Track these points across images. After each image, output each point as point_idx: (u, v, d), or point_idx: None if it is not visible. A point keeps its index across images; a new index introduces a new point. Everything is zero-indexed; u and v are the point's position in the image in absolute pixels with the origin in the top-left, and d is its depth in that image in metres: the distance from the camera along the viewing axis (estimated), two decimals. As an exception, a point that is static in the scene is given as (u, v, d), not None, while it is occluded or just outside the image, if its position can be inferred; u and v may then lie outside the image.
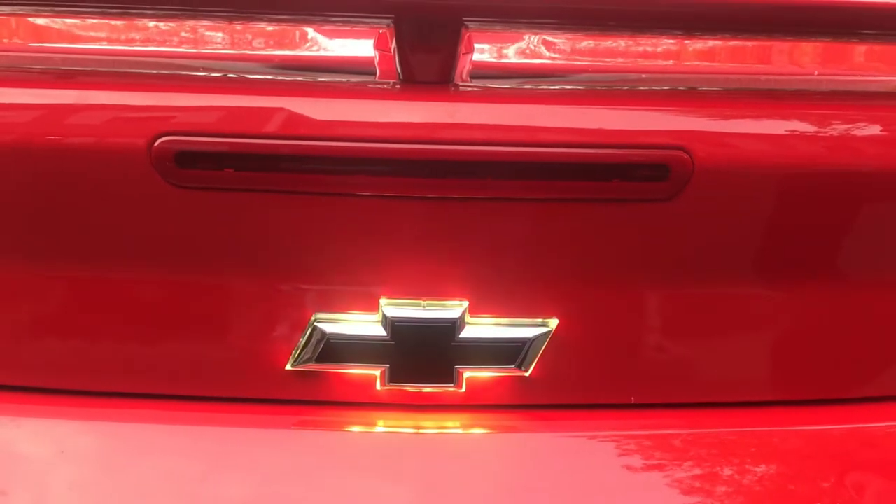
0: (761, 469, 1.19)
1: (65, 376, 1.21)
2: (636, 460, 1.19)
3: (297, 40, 1.49)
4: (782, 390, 1.27)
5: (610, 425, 1.22)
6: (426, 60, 1.10)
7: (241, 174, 1.10)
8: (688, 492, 1.16)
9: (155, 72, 1.20)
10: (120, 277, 1.18)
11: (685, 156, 1.09)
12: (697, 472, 1.18)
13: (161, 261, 1.17)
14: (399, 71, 1.11)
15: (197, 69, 1.23)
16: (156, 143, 1.08)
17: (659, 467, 1.18)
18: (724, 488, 1.17)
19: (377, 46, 1.31)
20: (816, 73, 1.43)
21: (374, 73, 1.25)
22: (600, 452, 1.21)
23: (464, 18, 1.04)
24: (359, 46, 1.40)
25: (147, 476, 1.16)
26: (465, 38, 1.07)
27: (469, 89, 1.16)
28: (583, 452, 1.22)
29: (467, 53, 1.23)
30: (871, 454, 1.25)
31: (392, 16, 1.03)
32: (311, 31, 1.47)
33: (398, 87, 1.14)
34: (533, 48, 1.48)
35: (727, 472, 1.18)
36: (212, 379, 1.21)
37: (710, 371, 1.24)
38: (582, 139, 1.10)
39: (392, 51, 1.09)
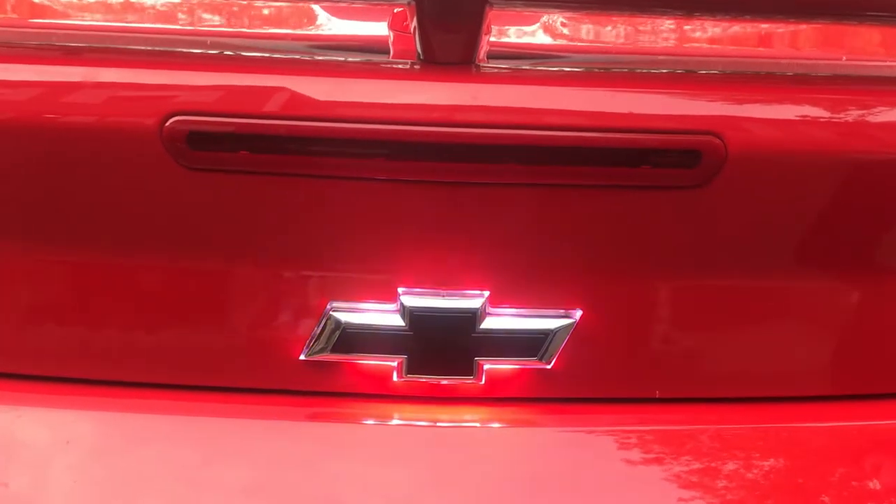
0: (790, 466, 1.16)
1: (70, 364, 1.18)
2: (661, 456, 1.16)
3: (310, 19, 1.44)
4: (812, 385, 1.23)
5: (634, 420, 1.19)
6: (449, 40, 1.06)
7: (256, 156, 1.06)
8: (713, 488, 1.13)
9: (165, 49, 1.16)
10: (128, 263, 1.14)
11: (718, 142, 1.06)
12: (724, 468, 1.15)
13: (171, 246, 1.13)
14: (420, 51, 1.07)
15: (208, 47, 1.18)
16: (167, 124, 1.04)
17: (684, 463, 1.15)
18: (750, 485, 1.14)
19: (392, 26, 1.27)
20: (844, 58, 1.39)
21: (389, 53, 1.21)
22: (624, 448, 1.17)
23: (488, -4, 1.00)
24: (373, 26, 1.36)
25: (156, 467, 1.13)
26: (488, 17, 1.03)
27: (492, 70, 1.12)
28: (606, 448, 1.18)
29: (486, 34, 1.19)
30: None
31: (415, -7, 0.99)
32: (323, 10, 1.43)
33: (419, 67, 1.10)
34: (550, 28, 1.44)
35: (755, 469, 1.15)
36: (223, 369, 1.18)
37: (738, 365, 1.20)
38: (610, 123, 1.06)
39: (412, 30, 1.05)
